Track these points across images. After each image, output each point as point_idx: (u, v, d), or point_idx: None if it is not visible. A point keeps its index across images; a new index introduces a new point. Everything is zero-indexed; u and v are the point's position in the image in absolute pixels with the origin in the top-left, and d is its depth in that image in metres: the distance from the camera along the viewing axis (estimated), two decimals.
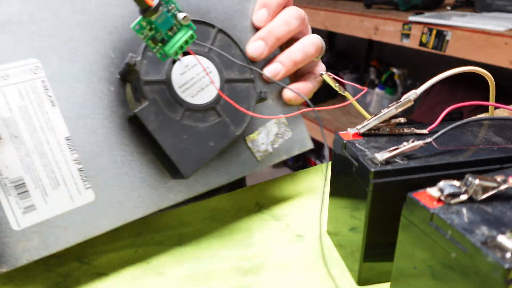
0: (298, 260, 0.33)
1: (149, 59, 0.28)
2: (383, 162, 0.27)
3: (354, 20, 1.30)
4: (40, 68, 0.26)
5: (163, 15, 0.26)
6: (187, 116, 0.29)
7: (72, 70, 0.27)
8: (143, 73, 0.28)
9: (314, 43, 0.37)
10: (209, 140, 0.29)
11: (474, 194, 0.22)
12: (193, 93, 0.30)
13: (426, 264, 0.23)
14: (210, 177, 0.31)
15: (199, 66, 0.30)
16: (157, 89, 0.28)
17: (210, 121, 0.30)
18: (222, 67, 0.31)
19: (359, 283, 0.31)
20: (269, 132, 0.34)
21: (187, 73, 0.30)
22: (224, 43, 0.32)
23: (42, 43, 0.27)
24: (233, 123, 0.31)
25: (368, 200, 0.27)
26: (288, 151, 0.35)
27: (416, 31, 1.12)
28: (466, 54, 1.02)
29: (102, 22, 0.28)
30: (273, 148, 0.34)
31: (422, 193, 0.23)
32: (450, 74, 0.30)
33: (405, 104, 0.30)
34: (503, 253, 0.19)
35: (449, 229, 0.21)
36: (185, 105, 0.29)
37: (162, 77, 0.29)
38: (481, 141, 0.30)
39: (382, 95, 1.61)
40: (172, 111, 0.28)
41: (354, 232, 0.30)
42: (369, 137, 0.31)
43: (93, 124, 0.28)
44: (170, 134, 0.28)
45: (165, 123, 0.28)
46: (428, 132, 0.31)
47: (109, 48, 0.29)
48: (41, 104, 0.26)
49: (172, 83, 0.29)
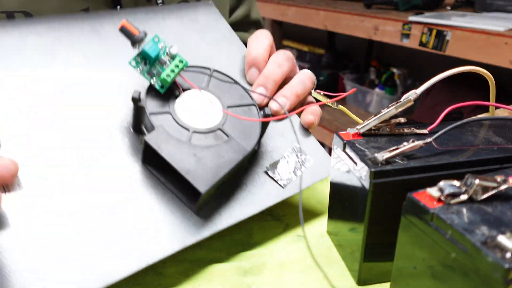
0: (298, 260, 0.33)
1: (153, 96, 0.30)
2: (383, 162, 0.27)
3: (354, 20, 1.30)
4: None
5: (150, 43, 0.29)
6: (195, 138, 0.30)
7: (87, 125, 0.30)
8: (149, 108, 0.30)
9: (309, 77, 0.40)
10: (220, 157, 0.29)
11: (474, 194, 0.22)
12: (198, 119, 0.31)
13: (426, 264, 0.23)
14: (234, 210, 0.31)
15: (200, 97, 0.32)
16: (163, 118, 0.30)
17: (219, 141, 0.30)
18: (223, 96, 0.33)
19: (359, 283, 0.31)
20: (289, 160, 0.35)
21: (190, 103, 0.31)
22: (221, 78, 0.34)
23: None
24: (243, 140, 0.31)
25: (368, 200, 0.27)
26: (313, 176, 0.35)
27: (416, 31, 1.12)
28: (466, 54, 1.02)
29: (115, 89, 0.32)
30: (296, 175, 0.35)
31: (422, 193, 0.23)
32: (450, 74, 0.30)
33: (405, 104, 0.30)
34: (503, 253, 0.19)
35: (449, 229, 0.21)
36: (192, 129, 0.30)
37: (167, 110, 0.30)
38: (481, 141, 0.30)
39: (382, 95, 1.61)
40: (179, 134, 0.30)
41: (354, 232, 0.30)
42: (369, 137, 0.31)
43: (108, 169, 0.29)
44: (181, 154, 0.28)
45: (174, 145, 0.29)
46: (428, 132, 0.31)
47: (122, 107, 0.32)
48: None
49: (176, 112, 0.30)
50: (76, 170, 0.28)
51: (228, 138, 0.31)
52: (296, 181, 0.34)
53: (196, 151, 0.29)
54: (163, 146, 0.28)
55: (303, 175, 0.35)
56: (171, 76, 0.30)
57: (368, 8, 1.38)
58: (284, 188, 0.34)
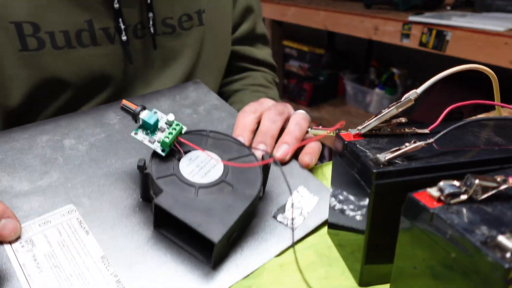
0: (298, 260, 0.33)
1: (157, 163, 0.33)
2: (385, 163, 0.26)
3: (354, 20, 1.30)
4: (74, 210, 0.33)
5: (148, 113, 0.33)
6: (201, 193, 0.32)
7: (101, 205, 0.34)
8: (154, 173, 0.32)
9: (304, 118, 0.43)
10: (228, 206, 0.31)
11: (474, 194, 0.22)
12: (202, 175, 0.33)
13: (426, 264, 0.23)
14: (251, 259, 0.32)
15: (201, 156, 0.34)
16: (169, 180, 0.32)
17: (224, 192, 0.32)
18: (222, 152, 0.35)
19: (360, 284, 0.31)
20: (294, 203, 0.37)
21: (193, 163, 0.34)
22: (218, 137, 0.37)
23: (76, 192, 0.35)
24: (247, 188, 0.33)
25: (371, 201, 0.27)
26: (322, 213, 0.36)
27: (416, 31, 1.12)
28: (466, 54, 1.02)
29: (122, 170, 0.37)
30: (304, 216, 0.36)
31: (422, 193, 0.23)
32: (451, 72, 0.30)
33: (405, 104, 0.30)
34: (503, 253, 0.19)
35: (449, 229, 0.21)
36: (197, 185, 0.32)
37: (172, 172, 0.33)
38: (482, 142, 0.30)
39: (382, 95, 1.61)
40: (186, 192, 0.32)
41: (355, 233, 0.30)
42: (370, 137, 0.30)
43: (124, 240, 0.32)
44: (190, 210, 0.30)
45: (182, 203, 0.31)
46: (429, 132, 0.31)
47: (129, 182, 0.36)
48: (77, 235, 0.31)
49: (181, 173, 0.33)
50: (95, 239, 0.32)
51: (232, 188, 0.33)
52: (305, 221, 0.36)
53: (204, 205, 0.31)
54: (172, 206, 0.30)
55: (311, 214, 0.36)
56: (170, 138, 0.33)
57: (368, 8, 1.38)
58: (295, 230, 0.35)
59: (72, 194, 0.35)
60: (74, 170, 0.37)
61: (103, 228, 0.32)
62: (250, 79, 0.71)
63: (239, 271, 0.31)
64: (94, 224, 0.33)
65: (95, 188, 0.36)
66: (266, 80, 0.72)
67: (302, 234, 0.35)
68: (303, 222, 0.36)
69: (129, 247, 0.31)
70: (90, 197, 0.35)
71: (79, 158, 0.38)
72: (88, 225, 0.32)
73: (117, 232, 0.32)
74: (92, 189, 0.35)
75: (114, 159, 0.38)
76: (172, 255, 0.31)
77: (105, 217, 0.33)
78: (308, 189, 0.38)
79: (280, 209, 0.36)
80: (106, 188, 0.36)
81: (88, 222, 0.33)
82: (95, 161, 0.38)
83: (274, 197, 0.37)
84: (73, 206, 0.34)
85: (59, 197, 0.34)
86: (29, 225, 0.32)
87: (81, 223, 0.32)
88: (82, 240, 0.31)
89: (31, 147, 0.38)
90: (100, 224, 0.33)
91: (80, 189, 0.35)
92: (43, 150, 0.38)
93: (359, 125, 0.31)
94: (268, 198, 0.37)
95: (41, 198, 0.34)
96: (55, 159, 0.38)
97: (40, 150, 0.38)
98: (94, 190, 0.35)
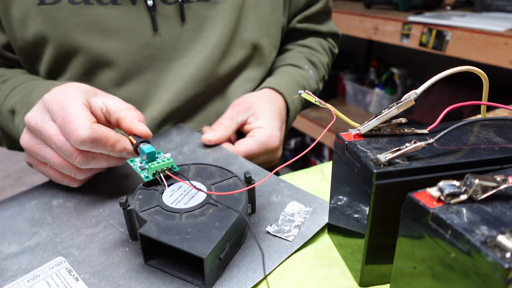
0: (298, 260, 0.33)
1: (140, 198, 0.34)
2: (385, 163, 0.26)
3: (354, 20, 1.30)
4: (63, 261, 0.33)
5: (148, 145, 0.37)
6: (186, 216, 0.32)
7: (90, 252, 0.34)
8: (138, 208, 0.33)
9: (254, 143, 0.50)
10: (214, 224, 0.31)
11: (474, 194, 0.22)
12: (186, 201, 0.34)
13: (426, 264, 0.23)
14: (246, 277, 0.31)
15: (184, 186, 0.36)
16: (153, 211, 0.33)
17: (209, 212, 0.32)
18: (205, 180, 0.37)
19: (360, 284, 0.31)
20: (287, 216, 0.37)
21: (176, 193, 0.35)
22: (199, 167, 0.39)
23: (64, 245, 0.35)
24: (232, 205, 0.33)
25: (371, 202, 0.27)
26: (317, 222, 0.37)
27: (416, 31, 1.12)
28: (466, 54, 1.02)
29: (110, 217, 0.38)
30: (300, 227, 0.36)
31: (422, 193, 0.23)
32: (446, 75, 0.30)
33: (406, 104, 0.30)
34: (503, 253, 0.19)
35: (449, 229, 0.21)
36: (182, 211, 0.33)
37: (155, 204, 0.33)
38: (482, 142, 0.30)
39: (382, 95, 1.61)
40: (171, 218, 0.32)
41: (355, 233, 0.30)
42: (370, 137, 0.31)
43: (116, 279, 0.31)
44: (175, 233, 0.30)
45: (167, 228, 0.31)
46: (428, 132, 0.31)
47: (118, 226, 0.37)
48: (66, 283, 0.31)
49: (164, 203, 0.33)
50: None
51: (217, 208, 0.33)
52: (301, 231, 0.36)
53: (190, 227, 0.31)
54: (157, 232, 0.30)
55: (305, 224, 0.36)
56: (155, 165, 0.35)
57: (368, 8, 1.38)
58: (292, 242, 0.35)
59: (61, 247, 0.35)
60: (63, 226, 0.37)
61: (93, 273, 0.32)
62: (302, 41, 0.69)
63: (240, 286, 0.30)
64: (84, 271, 0.32)
65: (83, 238, 0.35)
66: (319, 45, 0.70)
67: (300, 244, 0.34)
68: (299, 232, 0.35)
69: (121, 284, 0.31)
70: (79, 247, 0.35)
71: (68, 214, 0.39)
72: (78, 272, 0.32)
73: (107, 273, 0.32)
74: (81, 239, 0.35)
75: (102, 208, 0.39)
76: (165, 284, 0.31)
77: (94, 262, 0.33)
78: (300, 202, 0.39)
79: (275, 223, 0.36)
80: (95, 236, 0.36)
81: (78, 269, 0.32)
82: (83, 214, 0.39)
83: (267, 215, 0.37)
84: (62, 258, 0.33)
85: (48, 252, 0.34)
86: (18, 283, 0.31)
87: (70, 272, 0.32)
88: (71, 286, 0.31)
89: (20, 213, 0.39)
90: (90, 270, 0.32)
91: (69, 241, 0.35)
92: (32, 213, 0.39)
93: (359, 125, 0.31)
94: (260, 216, 0.37)
95: (29, 256, 0.34)
96: (44, 219, 0.38)
97: (29, 213, 0.39)
98: (83, 240, 0.35)
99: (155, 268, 0.32)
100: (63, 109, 0.35)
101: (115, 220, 0.37)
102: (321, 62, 0.69)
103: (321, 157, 1.88)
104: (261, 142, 0.49)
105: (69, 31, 0.48)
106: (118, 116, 0.39)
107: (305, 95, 0.37)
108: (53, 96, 0.37)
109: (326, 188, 0.42)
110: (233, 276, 0.31)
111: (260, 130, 0.50)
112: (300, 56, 0.66)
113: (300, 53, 0.66)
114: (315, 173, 0.46)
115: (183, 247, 0.29)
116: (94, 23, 0.48)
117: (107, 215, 0.38)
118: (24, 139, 0.39)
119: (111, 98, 0.40)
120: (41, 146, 0.38)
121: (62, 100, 0.36)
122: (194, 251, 0.28)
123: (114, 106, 0.39)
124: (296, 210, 0.38)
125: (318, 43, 0.70)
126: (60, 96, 0.37)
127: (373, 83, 1.69)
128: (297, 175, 0.46)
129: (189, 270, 0.31)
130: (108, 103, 0.39)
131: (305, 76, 0.63)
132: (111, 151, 0.36)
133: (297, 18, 0.66)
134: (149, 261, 0.32)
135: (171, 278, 0.31)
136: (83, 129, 0.34)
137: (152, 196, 0.34)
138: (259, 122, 0.51)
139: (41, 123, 0.37)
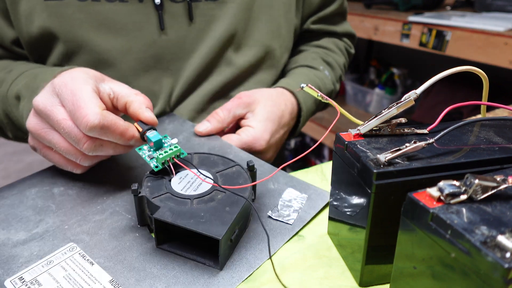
0: (298, 260, 0.33)
1: (149, 185, 0.35)
2: (385, 163, 0.26)
3: (354, 20, 1.30)
4: (75, 247, 0.34)
5: (154, 133, 0.37)
6: (197, 202, 0.34)
7: (101, 238, 0.35)
8: (149, 194, 0.34)
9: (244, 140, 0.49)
10: (224, 208, 0.33)
11: (474, 194, 0.22)
12: (194, 188, 0.36)
13: (426, 264, 0.23)
14: (254, 257, 0.33)
15: (191, 174, 0.37)
16: (164, 198, 0.34)
17: (218, 198, 0.34)
18: (210, 168, 0.38)
19: (360, 284, 0.31)
20: (285, 202, 0.39)
21: (184, 180, 0.36)
22: (202, 157, 0.40)
23: (74, 231, 0.35)
24: (238, 191, 0.35)
25: (371, 202, 0.27)
26: (313, 207, 0.39)
27: (416, 31, 1.12)
28: (466, 54, 1.02)
29: (115, 204, 0.39)
30: (298, 211, 0.38)
31: (422, 193, 0.23)
32: (446, 75, 0.30)
33: (406, 104, 0.30)
34: (503, 253, 0.19)
35: (449, 229, 0.21)
36: (192, 197, 0.34)
37: (165, 191, 0.35)
38: (482, 142, 0.30)
39: (382, 95, 1.61)
40: (183, 204, 0.34)
41: (355, 233, 0.30)
42: (370, 137, 0.31)
43: (130, 262, 0.32)
44: (189, 218, 0.32)
45: (181, 213, 0.32)
46: (428, 132, 0.31)
47: (124, 213, 0.37)
48: (82, 267, 0.32)
49: (174, 190, 0.35)
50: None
51: (225, 194, 0.35)
52: (300, 215, 0.38)
53: (202, 212, 0.33)
54: (171, 217, 0.32)
55: (303, 209, 0.39)
56: (163, 155, 0.36)
57: (368, 8, 1.38)
58: (292, 225, 0.37)
59: (70, 234, 0.35)
60: (68, 213, 0.37)
61: (106, 257, 0.33)
62: (316, 41, 0.69)
63: (243, 271, 0.32)
64: (98, 255, 0.33)
65: (92, 225, 0.36)
66: (335, 45, 0.70)
67: (300, 227, 0.37)
68: (298, 216, 0.38)
69: (136, 266, 0.32)
70: (88, 233, 0.35)
71: (71, 202, 0.39)
72: (92, 257, 0.33)
73: (121, 257, 0.33)
74: (89, 226, 0.36)
75: (106, 196, 0.40)
76: (179, 266, 0.32)
77: (107, 246, 0.34)
78: (296, 189, 0.41)
79: (275, 209, 0.38)
80: (102, 223, 0.36)
81: (91, 254, 0.33)
82: (87, 201, 0.39)
83: (267, 201, 0.39)
84: (73, 244, 0.34)
85: (58, 239, 0.35)
86: (32, 268, 0.31)
87: (84, 257, 0.33)
88: (88, 270, 0.31)
89: (21, 201, 0.39)
90: (104, 254, 0.33)
91: (78, 228, 0.36)
92: (34, 201, 0.39)
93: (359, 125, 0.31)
94: (261, 202, 0.39)
95: (40, 243, 0.34)
96: (48, 206, 0.38)
97: (31, 202, 0.39)
98: (92, 226, 0.36)
99: (167, 251, 0.33)
100: (73, 94, 0.35)
101: (121, 207, 0.38)
102: (337, 62, 0.68)
103: (321, 157, 1.88)
104: (245, 142, 0.48)
105: (75, 28, 0.48)
106: (127, 101, 0.38)
107: (307, 89, 0.37)
108: (63, 81, 0.37)
109: (326, 188, 0.42)
110: (242, 256, 0.33)
111: (249, 129, 0.49)
112: (314, 57, 0.65)
113: (315, 54, 0.66)
114: (315, 173, 0.46)
115: (199, 229, 0.31)
116: (101, 20, 0.48)
117: (111, 202, 0.39)
118: (30, 122, 0.38)
119: (119, 84, 0.40)
120: (48, 130, 0.38)
121: (72, 85, 0.36)
122: (210, 233, 0.30)
123: (122, 91, 0.39)
124: (293, 196, 0.40)
125: (333, 43, 0.69)
126: (70, 81, 0.36)
127: (373, 83, 1.69)
128: (297, 175, 0.46)
129: (200, 252, 0.33)
130: (115, 88, 0.39)
131: (320, 76, 0.62)
132: (119, 139, 0.36)
133: (311, 19, 0.66)
134: (161, 245, 0.34)
135: (184, 260, 0.33)
136: (93, 115, 0.34)
137: (161, 183, 0.36)
138: (252, 121, 0.50)
139: (50, 107, 0.36)
